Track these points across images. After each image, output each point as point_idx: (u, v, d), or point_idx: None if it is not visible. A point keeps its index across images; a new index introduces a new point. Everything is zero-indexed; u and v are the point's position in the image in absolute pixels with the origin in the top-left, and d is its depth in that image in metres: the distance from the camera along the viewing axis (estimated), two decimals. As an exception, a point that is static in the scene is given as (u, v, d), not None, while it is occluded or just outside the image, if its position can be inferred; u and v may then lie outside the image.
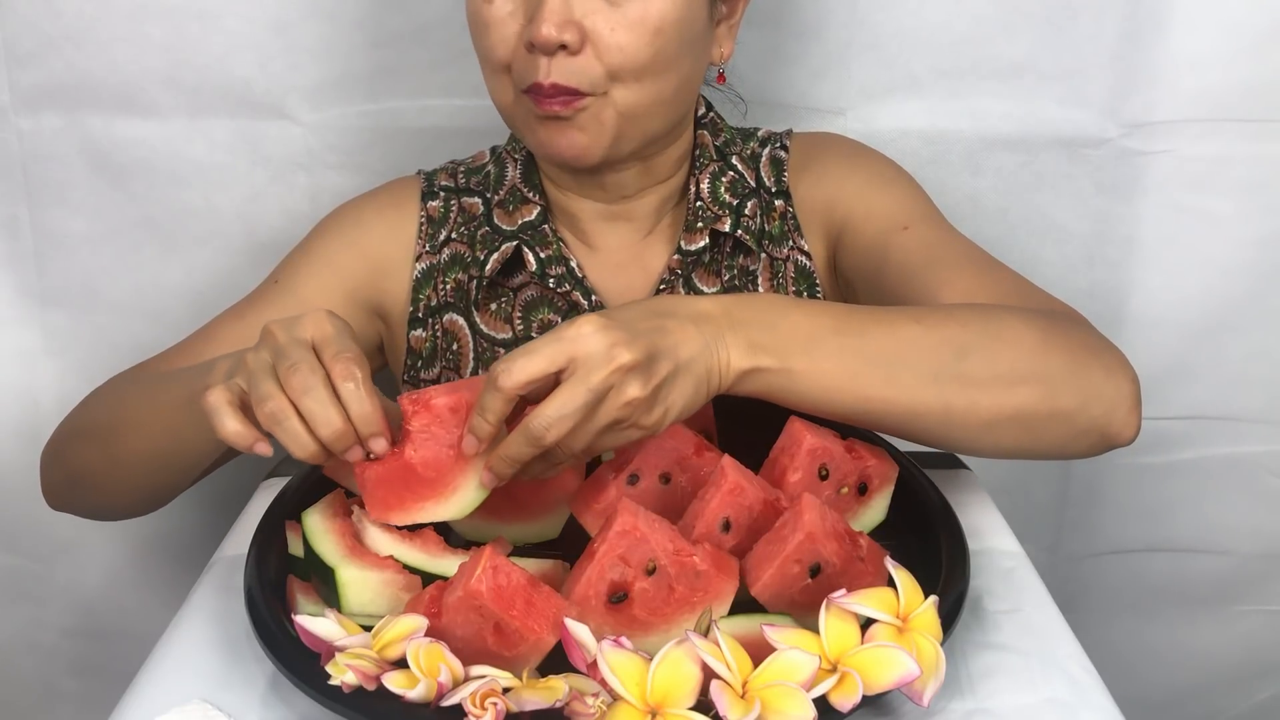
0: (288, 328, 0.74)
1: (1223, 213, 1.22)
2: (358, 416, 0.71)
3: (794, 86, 1.23)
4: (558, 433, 0.70)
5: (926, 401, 0.79)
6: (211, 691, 0.69)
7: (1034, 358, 0.81)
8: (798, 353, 0.77)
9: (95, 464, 0.95)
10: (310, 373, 0.71)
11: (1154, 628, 1.42)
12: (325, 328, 0.74)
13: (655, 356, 0.71)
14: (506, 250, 1.02)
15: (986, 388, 0.80)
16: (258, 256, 1.24)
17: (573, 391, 0.69)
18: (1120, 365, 0.84)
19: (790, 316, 0.78)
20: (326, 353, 0.73)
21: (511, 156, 1.05)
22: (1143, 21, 1.17)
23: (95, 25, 1.18)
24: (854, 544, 0.73)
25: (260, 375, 0.72)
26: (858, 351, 0.78)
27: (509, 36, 0.90)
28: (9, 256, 1.27)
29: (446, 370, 1.05)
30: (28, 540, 1.35)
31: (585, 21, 0.88)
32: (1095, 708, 0.68)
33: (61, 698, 1.43)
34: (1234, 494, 1.34)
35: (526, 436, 0.70)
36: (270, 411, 0.71)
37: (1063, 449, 0.84)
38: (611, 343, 0.70)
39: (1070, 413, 0.82)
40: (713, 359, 0.75)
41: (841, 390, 0.78)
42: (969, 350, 0.80)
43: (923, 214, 1.01)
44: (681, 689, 0.60)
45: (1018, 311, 0.84)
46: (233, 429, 0.72)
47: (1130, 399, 0.84)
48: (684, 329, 0.74)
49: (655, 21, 0.89)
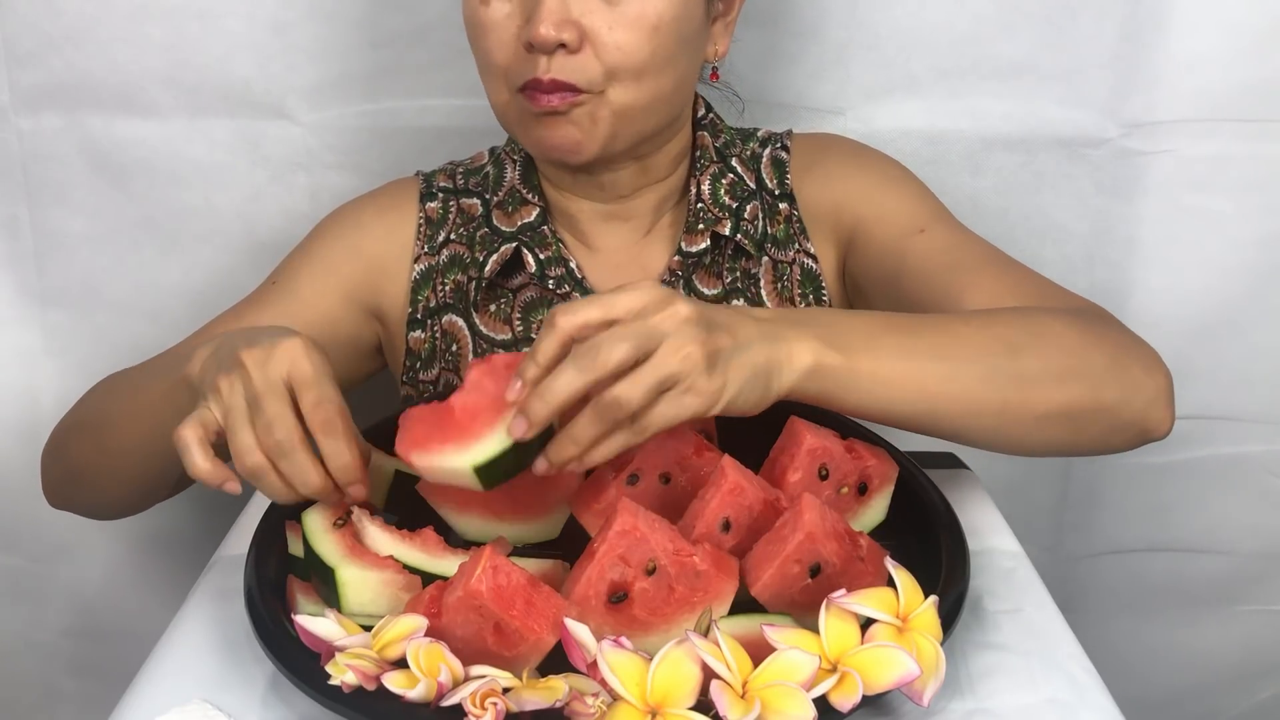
0: (261, 363, 0.73)
1: (1223, 213, 1.22)
2: (337, 470, 0.73)
3: (793, 86, 1.23)
4: (613, 358, 0.67)
5: (985, 398, 0.79)
6: (211, 691, 0.69)
7: (1077, 355, 0.83)
8: (861, 350, 0.76)
9: (89, 458, 0.96)
10: (288, 434, 0.72)
11: (1154, 628, 1.42)
12: (302, 367, 0.73)
13: (713, 325, 0.70)
14: (506, 252, 1.02)
15: (1038, 385, 0.80)
16: (257, 256, 1.24)
17: (630, 328, 0.68)
18: (1155, 360, 0.87)
19: (843, 319, 0.78)
20: (305, 400, 0.73)
21: (510, 158, 1.05)
22: (1143, 21, 1.17)
23: (95, 25, 1.18)
24: (854, 544, 0.73)
25: (238, 423, 0.72)
26: (915, 350, 0.78)
27: (507, 39, 0.90)
28: (9, 256, 1.27)
29: (446, 371, 1.05)
30: (28, 540, 1.35)
31: (583, 20, 0.88)
32: (1095, 708, 0.68)
33: (61, 698, 1.43)
34: (1234, 494, 1.34)
35: (577, 365, 0.67)
36: (250, 467, 0.72)
37: (1105, 443, 0.85)
38: (669, 296, 0.70)
39: (1114, 407, 0.83)
40: (776, 351, 0.73)
41: (905, 388, 0.77)
42: (1019, 349, 0.81)
43: (936, 215, 1.01)
44: (681, 689, 0.60)
45: (1055, 311, 0.86)
46: (203, 469, 0.72)
47: (1166, 393, 0.86)
48: (741, 320, 0.73)
49: (653, 19, 0.89)
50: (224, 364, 0.75)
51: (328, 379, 0.74)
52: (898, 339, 0.78)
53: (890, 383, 0.77)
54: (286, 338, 0.74)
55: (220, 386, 0.73)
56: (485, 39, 0.91)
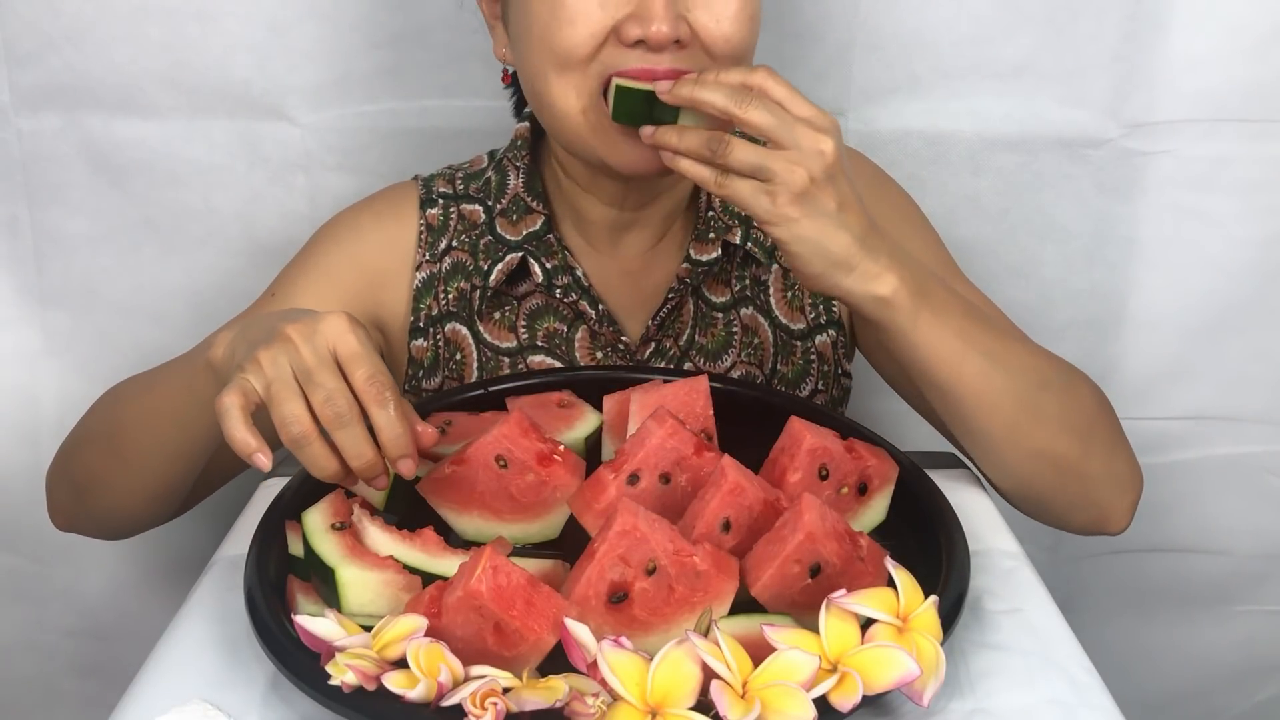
0: (308, 336, 0.73)
1: (1223, 213, 1.23)
2: (390, 441, 0.73)
3: (795, 87, 1.23)
4: (753, 118, 0.77)
5: (1004, 408, 0.86)
6: (211, 691, 0.69)
7: (1088, 419, 0.91)
8: (930, 311, 0.82)
9: (102, 469, 0.95)
10: (348, 407, 0.71)
11: (1153, 628, 1.42)
12: (350, 342, 0.73)
13: (834, 180, 0.78)
14: (512, 261, 1.01)
15: (1047, 423, 0.87)
16: (257, 257, 1.24)
17: (787, 118, 0.78)
18: (1136, 465, 0.95)
19: (930, 279, 0.84)
20: (357, 374, 0.73)
21: (513, 164, 1.04)
22: (1143, 22, 1.17)
23: (95, 25, 1.18)
24: (854, 544, 0.73)
25: (284, 394, 0.71)
26: (972, 337, 0.84)
27: (598, 31, 0.85)
28: (9, 256, 1.27)
29: (449, 380, 1.04)
30: (28, 540, 1.35)
31: (689, 15, 0.86)
32: (1095, 708, 0.68)
33: (61, 698, 1.43)
34: (1234, 494, 1.34)
35: (730, 97, 0.77)
36: (295, 436, 0.71)
37: (1065, 512, 0.93)
38: (834, 132, 0.78)
39: (1092, 479, 0.91)
40: (862, 259, 0.80)
41: (945, 360, 0.84)
42: (1049, 386, 0.88)
43: (949, 268, 1.04)
44: (681, 689, 0.60)
45: (1087, 378, 0.94)
46: (240, 436, 0.71)
47: (1135, 497, 0.94)
48: (860, 212, 0.80)
49: (751, 8, 0.89)
50: (263, 338, 0.74)
51: (375, 351, 0.74)
52: (962, 322, 0.84)
53: (937, 351, 0.83)
54: (330, 313, 0.74)
55: (261, 359, 0.72)
56: (572, 28, 0.86)
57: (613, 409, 0.89)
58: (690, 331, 1.03)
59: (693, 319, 1.03)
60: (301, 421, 0.71)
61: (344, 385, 0.72)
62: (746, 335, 1.04)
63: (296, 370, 0.72)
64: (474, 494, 0.81)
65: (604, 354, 1.03)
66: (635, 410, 0.86)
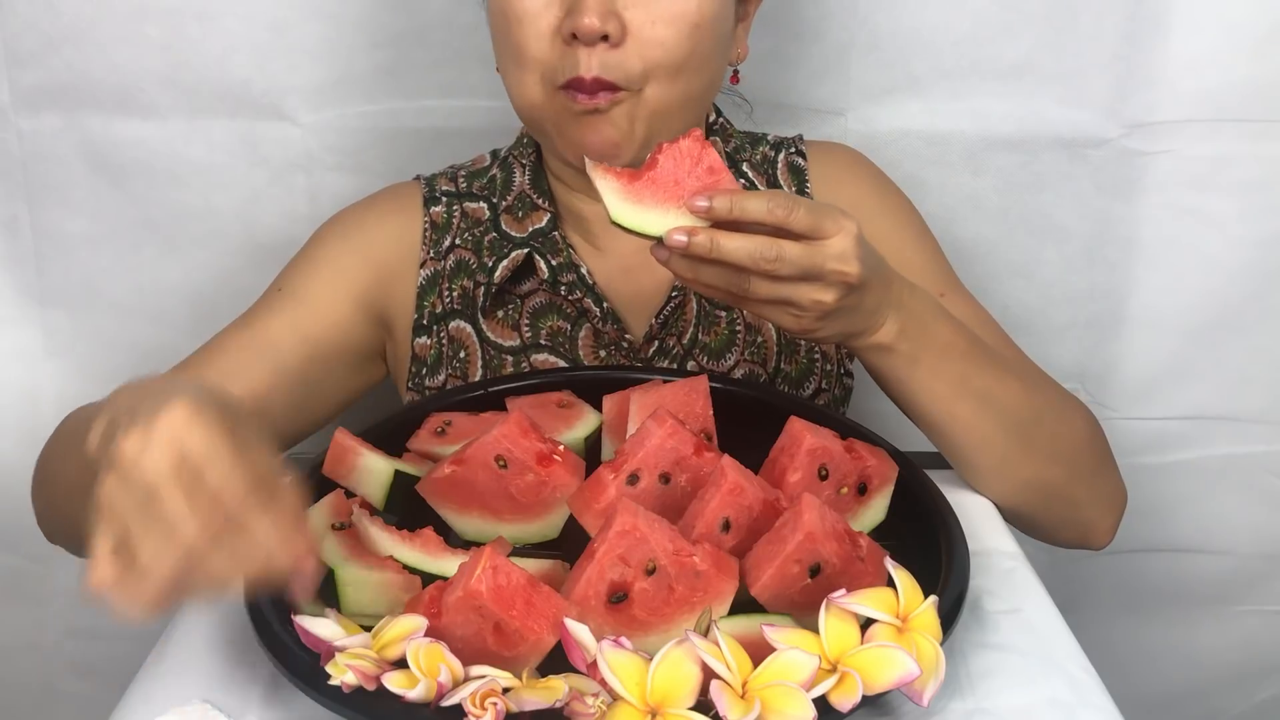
0: (136, 458, 0.59)
1: (1223, 213, 1.22)
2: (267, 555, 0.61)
3: (794, 87, 1.23)
4: (780, 272, 0.74)
5: (995, 444, 0.88)
6: (211, 691, 0.69)
7: (1079, 447, 0.94)
8: (928, 354, 0.85)
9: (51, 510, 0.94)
10: (198, 530, 0.59)
11: (1153, 628, 1.42)
12: (191, 443, 0.60)
13: (858, 291, 0.78)
14: (517, 257, 1.01)
15: (1038, 456, 0.90)
16: (257, 257, 1.24)
17: (811, 259, 0.74)
18: (1121, 484, 1.00)
19: (940, 323, 0.86)
20: (206, 485, 0.59)
21: (519, 161, 1.04)
22: (1143, 21, 1.17)
23: (95, 25, 1.18)
24: (854, 544, 0.73)
25: (139, 542, 0.59)
26: (968, 381, 0.87)
27: (544, 30, 0.89)
28: (9, 256, 1.27)
29: (453, 378, 1.04)
30: (28, 540, 1.34)
31: (625, 14, 0.87)
32: (1095, 708, 0.68)
33: (61, 698, 1.43)
34: (1234, 494, 1.34)
35: (754, 252, 0.73)
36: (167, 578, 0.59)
37: (1053, 530, 0.97)
38: (856, 248, 0.76)
39: (1078, 503, 0.95)
40: (873, 321, 0.82)
41: (940, 400, 0.86)
42: (1042, 419, 0.91)
43: (949, 280, 1.05)
44: (681, 689, 0.60)
45: (1081, 405, 0.98)
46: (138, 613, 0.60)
47: (1119, 514, 0.99)
48: (875, 289, 0.80)
49: (694, 17, 0.89)
50: (104, 460, 0.61)
51: (224, 444, 0.60)
52: (964, 364, 0.86)
53: (933, 390, 0.86)
54: (167, 408, 0.60)
55: (102, 503, 0.60)
56: (520, 30, 0.89)
57: (612, 409, 0.90)
58: (693, 330, 1.03)
59: (696, 318, 1.03)
60: (164, 564, 0.59)
61: (190, 502, 0.59)
62: (750, 334, 1.04)
63: (139, 502, 0.59)
64: (474, 494, 0.81)
65: (607, 353, 1.03)
66: (635, 410, 0.86)
